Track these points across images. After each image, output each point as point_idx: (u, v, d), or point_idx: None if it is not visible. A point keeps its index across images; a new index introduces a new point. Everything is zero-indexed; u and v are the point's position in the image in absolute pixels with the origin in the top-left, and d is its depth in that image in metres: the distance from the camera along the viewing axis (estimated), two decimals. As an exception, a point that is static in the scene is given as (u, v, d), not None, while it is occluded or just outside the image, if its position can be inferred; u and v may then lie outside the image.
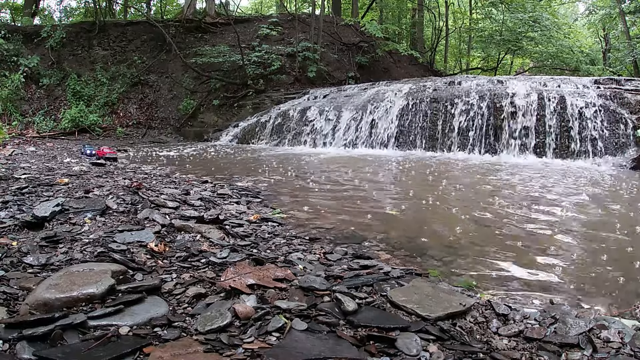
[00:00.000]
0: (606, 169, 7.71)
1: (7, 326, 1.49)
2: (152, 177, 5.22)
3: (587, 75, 17.72)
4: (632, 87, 9.35)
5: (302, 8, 23.76)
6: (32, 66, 14.83)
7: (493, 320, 1.77)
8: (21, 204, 3.10)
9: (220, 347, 1.44)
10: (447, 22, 23.84)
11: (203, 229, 2.78)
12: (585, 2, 25.46)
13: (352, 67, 17.37)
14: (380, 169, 7.21)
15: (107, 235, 2.53)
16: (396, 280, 2.13)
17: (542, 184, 5.72)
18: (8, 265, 2.06)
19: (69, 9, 22.67)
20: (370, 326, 1.61)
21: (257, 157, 8.83)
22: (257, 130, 12.43)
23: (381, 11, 25.84)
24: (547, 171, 7.07)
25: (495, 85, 10.31)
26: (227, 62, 15.50)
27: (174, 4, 25.08)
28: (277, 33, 17.63)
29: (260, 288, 1.91)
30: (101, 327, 1.53)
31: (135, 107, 15.58)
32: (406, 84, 11.84)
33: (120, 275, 1.91)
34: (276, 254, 2.49)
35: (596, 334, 1.63)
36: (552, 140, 8.91)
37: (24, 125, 13.57)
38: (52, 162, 6.52)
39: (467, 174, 6.77)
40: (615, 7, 19.38)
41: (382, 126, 10.43)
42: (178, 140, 14.04)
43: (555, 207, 4.22)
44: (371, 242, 2.91)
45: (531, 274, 2.43)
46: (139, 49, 16.89)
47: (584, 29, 26.34)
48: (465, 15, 24.63)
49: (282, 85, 15.52)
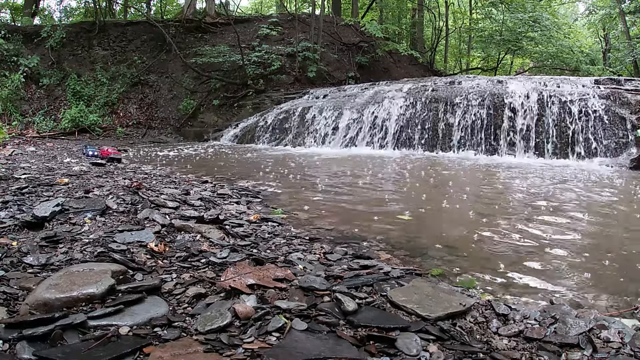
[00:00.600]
0: (606, 169, 7.71)
1: (7, 326, 1.49)
2: (152, 177, 5.22)
3: (587, 75, 17.72)
4: (632, 87, 9.35)
5: (302, 8, 23.78)
6: (32, 66, 14.83)
7: (493, 320, 1.77)
8: (21, 204, 3.10)
9: (220, 347, 1.44)
10: (447, 22, 23.85)
11: (203, 229, 2.78)
12: (585, 2, 25.48)
13: (352, 67, 17.37)
14: (380, 169, 7.21)
15: (107, 235, 2.53)
16: (396, 280, 2.13)
17: (542, 184, 5.72)
18: (8, 265, 2.06)
19: (69, 9, 22.70)
20: (370, 326, 1.61)
21: (257, 157, 8.83)
22: (257, 130, 12.44)
23: (381, 11, 25.85)
24: (546, 171, 7.07)
25: (495, 85, 10.31)
26: (227, 62, 15.50)
27: (174, 4, 25.09)
28: (277, 33, 17.64)
29: (260, 288, 1.91)
30: (101, 327, 1.53)
31: (135, 107, 15.58)
32: (406, 84, 11.84)
33: (120, 275, 1.91)
34: (276, 254, 2.49)
35: (596, 334, 1.63)
36: (552, 140, 8.92)
37: (24, 125, 13.57)
38: (52, 162, 6.52)
39: (467, 174, 6.77)
40: (615, 7, 19.38)
41: (382, 126, 10.44)
42: (178, 140, 14.05)
43: (555, 207, 4.22)
44: (371, 242, 2.91)
45: (531, 273, 2.43)
46: (139, 49, 16.89)
47: (584, 29, 26.35)
48: (465, 15, 24.64)
49: (282, 85, 15.52)
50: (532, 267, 2.55)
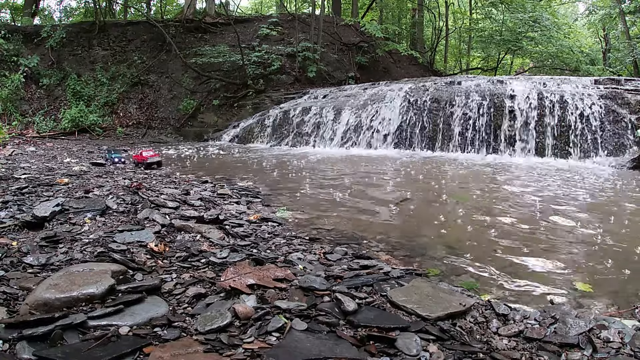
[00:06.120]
0: (606, 169, 7.71)
1: (7, 326, 1.49)
2: (152, 177, 5.22)
3: (587, 75, 17.71)
4: (632, 87, 9.35)
5: (302, 8, 23.76)
6: (32, 66, 14.83)
7: (493, 320, 1.77)
8: (21, 204, 3.10)
9: (220, 347, 1.44)
10: (447, 22, 23.85)
11: (203, 229, 2.78)
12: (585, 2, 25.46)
13: (352, 67, 17.37)
14: (380, 169, 7.21)
15: (107, 235, 2.53)
16: (396, 280, 2.13)
17: (542, 184, 5.72)
18: (8, 265, 2.06)
19: (69, 9, 22.69)
20: (370, 326, 1.61)
21: (257, 157, 8.83)
22: (257, 130, 12.43)
23: (381, 11, 25.84)
24: (546, 171, 7.07)
25: (495, 85, 10.31)
26: (227, 62, 15.50)
27: (174, 4, 25.08)
28: (277, 33, 17.64)
29: (260, 288, 1.91)
30: (101, 327, 1.53)
31: (135, 107, 15.58)
32: (406, 84, 11.84)
33: (120, 275, 1.92)
34: (276, 254, 2.49)
35: (596, 334, 1.63)
36: (552, 140, 8.91)
37: (24, 125, 13.57)
38: (52, 162, 6.52)
39: (467, 174, 6.77)
40: (615, 7, 19.37)
41: (382, 126, 10.44)
42: (178, 140, 14.04)
43: (555, 207, 4.21)
44: (371, 242, 2.91)
45: (531, 274, 2.43)
46: (139, 49, 16.88)
47: (584, 29, 26.32)
48: (465, 15, 24.63)
49: (282, 85, 15.52)
50: (532, 267, 2.55)
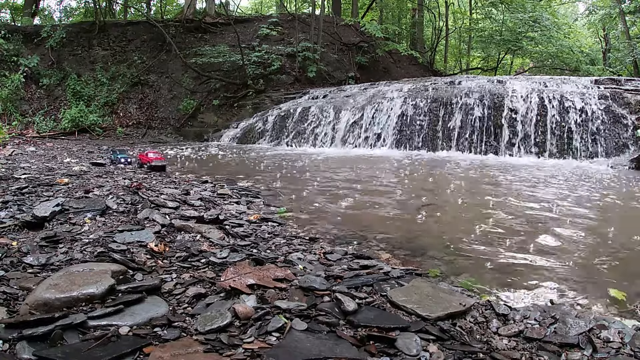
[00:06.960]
0: (606, 169, 7.71)
1: (7, 326, 1.49)
2: (152, 177, 5.22)
3: (587, 75, 17.71)
4: (632, 87, 9.35)
5: (302, 8, 23.77)
6: (32, 66, 14.83)
7: (493, 320, 1.77)
8: (21, 204, 3.10)
9: (220, 347, 1.44)
10: (447, 22, 23.85)
11: (203, 229, 2.78)
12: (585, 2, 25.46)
13: (352, 67, 17.37)
14: (379, 169, 7.21)
15: (107, 235, 2.53)
16: (396, 280, 2.13)
17: (542, 184, 5.72)
18: (8, 265, 2.06)
19: (69, 9, 22.72)
20: (370, 326, 1.61)
21: (257, 157, 8.83)
22: (257, 130, 12.44)
23: (381, 11, 25.85)
24: (547, 171, 7.07)
25: (495, 85, 10.31)
26: (227, 62, 15.51)
27: (174, 4, 25.09)
28: (277, 33, 17.64)
29: (260, 288, 1.91)
30: (101, 327, 1.53)
31: (135, 107, 15.58)
32: (406, 84, 11.84)
33: (120, 275, 1.92)
34: (276, 254, 2.49)
35: (596, 334, 1.63)
36: (552, 140, 8.91)
37: (24, 125, 13.57)
38: (52, 162, 6.52)
39: (467, 174, 6.77)
40: (615, 7, 19.37)
41: (382, 126, 10.44)
42: (178, 140, 14.04)
43: (555, 207, 4.21)
44: (371, 242, 2.91)
45: (531, 274, 2.43)
46: (139, 49, 16.89)
47: (584, 29, 26.33)
48: (465, 15, 24.64)
49: (282, 85, 15.52)
50: (532, 267, 2.55)
